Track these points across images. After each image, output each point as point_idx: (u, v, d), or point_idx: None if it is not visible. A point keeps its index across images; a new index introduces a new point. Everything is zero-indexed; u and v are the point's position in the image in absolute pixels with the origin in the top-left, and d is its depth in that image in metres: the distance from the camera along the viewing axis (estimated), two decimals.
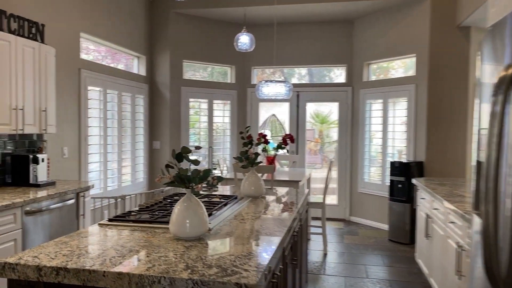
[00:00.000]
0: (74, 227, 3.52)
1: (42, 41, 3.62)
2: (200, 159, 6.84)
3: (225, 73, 7.03)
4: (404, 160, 5.65)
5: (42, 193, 3.17)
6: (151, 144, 6.18)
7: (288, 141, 5.24)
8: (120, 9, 5.36)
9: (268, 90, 5.15)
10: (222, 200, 2.75)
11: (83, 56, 4.68)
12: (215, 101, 6.65)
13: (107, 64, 5.26)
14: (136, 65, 6.04)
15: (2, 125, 3.11)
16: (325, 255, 4.85)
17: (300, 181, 4.65)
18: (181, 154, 1.82)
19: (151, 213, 2.32)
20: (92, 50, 5.11)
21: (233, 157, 3.49)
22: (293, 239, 2.43)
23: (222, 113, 6.79)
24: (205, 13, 6.27)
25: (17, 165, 3.52)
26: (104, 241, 1.82)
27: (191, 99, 6.45)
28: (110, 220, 2.18)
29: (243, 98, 6.89)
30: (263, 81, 5.29)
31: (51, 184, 3.59)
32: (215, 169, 6.68)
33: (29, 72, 3.35)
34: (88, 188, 3.68)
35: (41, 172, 3.56)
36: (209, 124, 6.57)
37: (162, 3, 6.14)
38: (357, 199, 6.59)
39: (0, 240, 2.72)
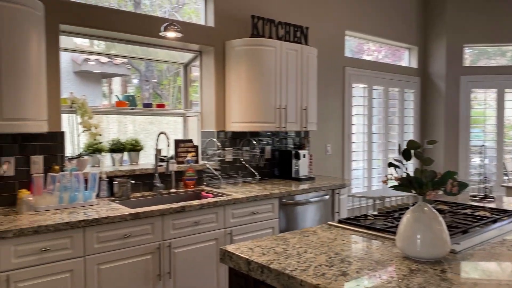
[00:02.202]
0: None
1: (306, 43, 3.81)
2: (486, 161, 5.68)
3: None
4: None
5: (298, 187, 3.33)
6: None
7: None
8: (388, 0, 5.07)
9: None
10: (492, 215, 2.07)
11: (348, 54, 4.69)
12: (507, 90, 5.34)
13: (373, 60, 5.09)
14: (407, 57, 5.60)
15: (268, 123, 3.46)
16: None
17: None
18: (408, 151, 1.42)
19: (388, 220, 1.98)
20: (355, 45, 5.08)
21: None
22: None
23: None
24: None
25: (283, 159, 3.86)
26: (322, 244, 1.65)
27: (473, 90, 5.42)
28: (340, 221, 1.99)
29: None
30: None
31: (310, 179, 3.73)
32: (505, 174, 5.38)
33: (291, 73, 3.59)
34: (343, 186, 3.62)
35: (302, 167, 3.77)
36: (498, 119, 5.34)
37: None
38: None
39: (260, 227, 3.02)
